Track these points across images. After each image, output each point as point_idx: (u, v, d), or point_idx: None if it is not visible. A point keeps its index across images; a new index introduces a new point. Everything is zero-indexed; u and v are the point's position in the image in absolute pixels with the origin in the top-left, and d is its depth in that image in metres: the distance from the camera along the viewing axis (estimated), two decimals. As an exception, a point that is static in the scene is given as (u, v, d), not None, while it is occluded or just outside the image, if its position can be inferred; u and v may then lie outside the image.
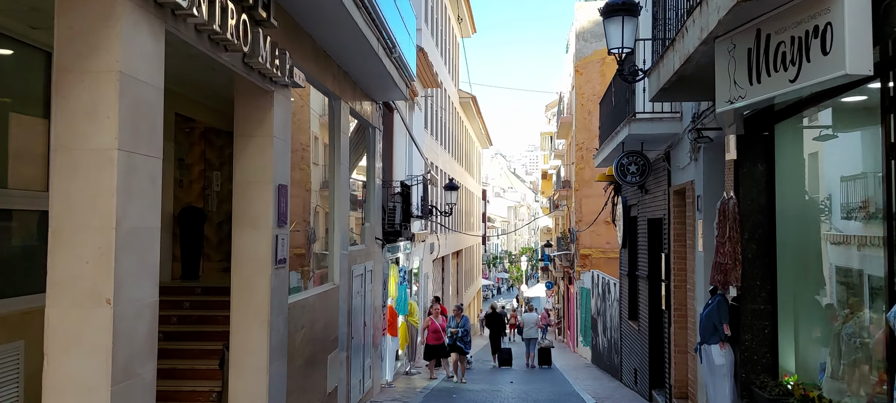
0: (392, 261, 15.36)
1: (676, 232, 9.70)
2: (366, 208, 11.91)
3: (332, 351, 8.85)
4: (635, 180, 10.30)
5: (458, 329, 15.06)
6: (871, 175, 5.05)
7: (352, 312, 10.04)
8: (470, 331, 15.31)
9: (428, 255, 21.80)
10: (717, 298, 6.82)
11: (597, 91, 26.96)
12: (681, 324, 9.62)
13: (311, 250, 9.19)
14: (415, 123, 18.48)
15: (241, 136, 6.59)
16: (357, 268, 10.42)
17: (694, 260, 8.54)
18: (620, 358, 15.21)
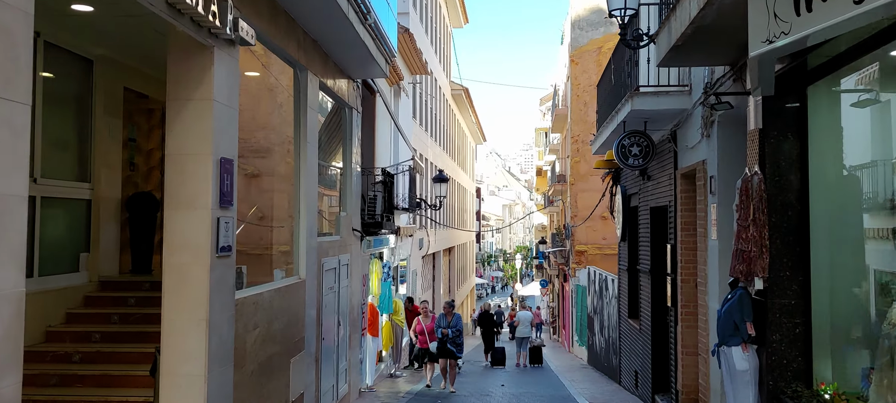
0: (375, 256, 14.32)
1: (684, 220, 8.69)
2: (342, 196, 10.87)
3: (296, 354, 7.82)
4: (638, 163, 9.29)
5: (450, 329, 12.81)
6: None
7: (322, 310, 9.00)
8: (463, 332, 13.26)
9: (417, 251, 20.78)
10: (739, 292, 5.81)
11: (593, 81, 25.98)
12: (689, 323, 8.62)
13: (274, 239, 8.17)
14: (401, 111, 17.45)
15: (174, 100, 5.56)
16: (329, 262, 9.38)
17: (706, 251, 7.54)
18: (619, 359, 14.21)
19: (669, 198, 9.32)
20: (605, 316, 16.64)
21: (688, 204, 8.66)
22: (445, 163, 29.90)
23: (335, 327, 9.77)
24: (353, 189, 10.99)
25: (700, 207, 7.77)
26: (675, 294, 9.02)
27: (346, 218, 10.59)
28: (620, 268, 13.83)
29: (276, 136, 8.38)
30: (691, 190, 8.59)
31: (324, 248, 9.20)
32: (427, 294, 25.44)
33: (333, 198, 10.78)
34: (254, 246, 7.72)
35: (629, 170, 9.93)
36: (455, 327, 12.81)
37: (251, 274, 7.33)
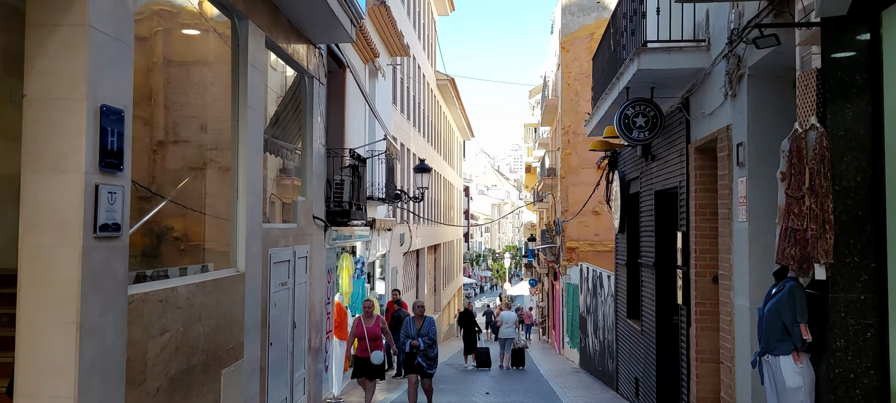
0: (346, 250, 12.90)
1: (699, 202, 7.34)
2: (302, 179, 9.44)
3: (231, 364, 6.38)
4: (643, 136, 7.92)
5: (420, 339, 9.92)
6: None
7: (270, 310, 7.57)
8: (437, 341, 10.32)
9: (397, 247, 19.36)
10: (788, 285, 4.44)
11: (584, 69, 24.72)
12: (706, 324, 7.26)
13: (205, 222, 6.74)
14: (379, 94, 16.03)
15: (36, 27, 4.13)
16: (280, 253, 7.95)
17: (730, 237, 6.17)
18: (616, 364, 12.86)
19: (680, 179, 7.96)
20: (600, 317, 15.29)
21: (704, 183, 7.30)
22: (430, 156, 28.51)
23: (289, 329, 8.33)
24: (315, 171, 9.56)
25: (722, 184, 6.41)
26: (687, 290, 7.67)
27: (304, 204, 9.16)
28: (618, 263, 12.48)
29: (215, 102, 6.96)
30: (709, 165, 7.24)
31: (273, 237, 7.77)
32: (410, 293, 24.04)
33: (294, 181, 9.36)
34: (176, 230, 6.30)
35: (633, 145, 8.57)
36: (427, 335, 9.98)
37: (167, 263, 5.90)
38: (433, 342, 10.05)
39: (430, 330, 10.08)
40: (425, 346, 9.90)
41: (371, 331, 9.94)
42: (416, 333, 10.02)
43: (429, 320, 10.22)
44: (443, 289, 33.49)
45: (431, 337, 10.05)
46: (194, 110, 6.70)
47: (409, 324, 10.22)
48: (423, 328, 10.06)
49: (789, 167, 4.40)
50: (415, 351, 9.85)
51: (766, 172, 5.68)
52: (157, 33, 5.96)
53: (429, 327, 10.11)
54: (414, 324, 10.19)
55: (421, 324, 10.14)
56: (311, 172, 9.42)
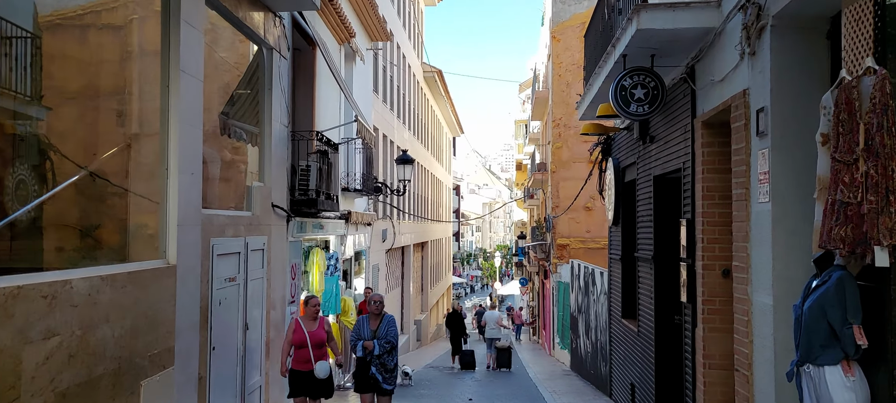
0: (317, 245, 11.89)
1: (707, 185, 6.37)
2: (260, 162, 8.43)
3: (156, 373, 5.37)
4: (643, 111, 6.95)
5: (376, 343, 7.73)
6: None
7: (213, 308, 6.56)
8: (397, 347, 8.18)
9: (378, 243, 18.34)
10: (836, 276, 3.48)
11: (576, 59, 23.79)
12: (716, 324, 6.29)
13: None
14: (356, 79, 15.01)
15: None
16: (227, 243, 6.94)
17: (748, 221, 5.20)
18: (609, 368, 11.90)
19: (684, 159, 7.00)
20: (592, 316, 14.33)
21: (713, 162, 6.34)
22: (417, 151, 27.52)
23: (239, 331, 7.33)
24: (275, 154, 8.56)
25: (737, 160, 5.44)
26: (692, 285, 6.70)
27: (261, 191, 8.15)
28: (612, 258, 11.51)
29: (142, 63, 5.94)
30: (719, 141, 6.27)
31: (217, 225, 6.76)
32: (394, 293, 23.05)
33: (247, 164, 8.35)
34: (82, 212, 5.28)
35: (631, 120, 7.58)
36: (386, 338, 7.77)
37: (66, 253, 4.90)
38: (393, 348, 7.82)
39: (388, 331, 7.82)
40: (381, 351, 7.70)
41: (315, 336, 7.64)
42: (371, 335, 7.80)
43: (388, 319, 7.96)
44: (430, 289, 32.50)
45: (390, 342, 7.79)
46: (110, 70, 5.68)
47: (361, 324, 7.96)
48: (379, 329, 7.82)
49: (835, 126, 3.44)
50: (368, 358, 7.71)
51: (794, 141, 4.73)
52: None
53: (387, 328, 7.84)
54: (368, 324, 7.90)
55: (377, 324, 7.88)
56: (270, 155, 8.42)
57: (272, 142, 8.46)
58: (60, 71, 5.10)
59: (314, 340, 7.63)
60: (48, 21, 4.97)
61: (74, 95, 5.28)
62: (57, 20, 5.11)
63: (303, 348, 7.60)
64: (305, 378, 7.61)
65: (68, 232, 5.14)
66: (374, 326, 7.90)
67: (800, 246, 4.68)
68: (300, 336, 7.63)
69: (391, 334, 7.86)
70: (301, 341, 7.62)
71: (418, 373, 15.94)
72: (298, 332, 7.65)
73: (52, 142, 4.93)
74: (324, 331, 7.81)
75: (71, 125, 5.25)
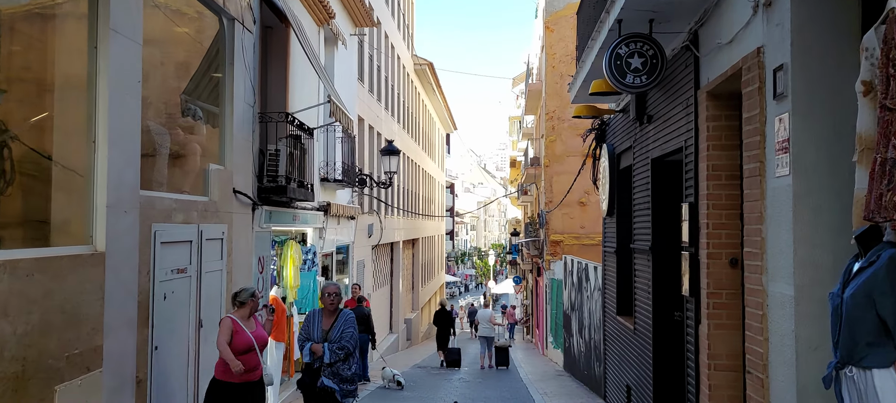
0: (293, 238, 11.15)
1: (713, 163, 5.66)
2: (220, 143, 7.70)
3: (76, 376, 4.62)
4: (640, 82, 6.22)
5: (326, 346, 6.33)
6: None
7: (155, 303, 5.83)
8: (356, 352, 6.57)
9: (363, 238, 17.61)
10: (887, 255, 2.76)
11: (570, 50, 23.09)
12: (722, 320, 5.58)
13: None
14: (340, 66, 14.27)
15: None
16: (175, 230, 6.20)
17: (763, 201, 4.48)
18: (603, 368, 11.18)
19: (686, 137, 6.28)
20: (585, 313, 13.62)
21: (719, 138, 5.63)
22: (407, 145, 26.82)
23: (190, 329, 6.58)
24: (237, 135, 7.82)
25: (749, 130, 4.71)
26: (695, 277, 5.98)
27: (220, 174, 7.41)
28: (606, 251, 10.80)
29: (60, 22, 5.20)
30: (726, 114, 5.57)
31: (161, 209, 6.02)
32: (382, 290, 22.32)
33: (203, 145, 7.61)
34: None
35: (629, 92, 6.81)
36: (339, 343, 6.31)
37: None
38: (349, 352, 6.32)
39: (345, 331, 6.33)
40: (334, 358, 6.20)
41: (260, 338, 6.07)
42: (323, 336, 6.31)
43: (345, 317, 6.47)
44: (422, 287, 31.76)
45: (346, 346, 6.28)
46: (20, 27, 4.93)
47: (311, 320, 6.50)
48: (333, 329, 6.34)
49: (884, 67, 2.73)
50: (315, 365, 6.27)
51: (819, 102, 4.02)
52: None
53: (344, 327, 6.35)
54: (319, 321, 6.44)
55: (331, 323, 6.39)
56: (231, 136, 7.67)
57: (234, 121, 7.72)
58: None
59: (261, 342, 6.08)
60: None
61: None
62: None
63: (250, 352, 5.86)
64: (245, 392, 5.86)
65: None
66: (328, 325, 6.40)
67: (827, 227, 3.97)
68: (244, 338, 5.88)
69: (347, 337, 6.32)
70: (246, 345, 5.86)
71: (405, 375, 15.20)
72: (240, 335, 5.89)
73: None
74: (263, 332, 6.25)
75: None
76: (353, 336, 6.41)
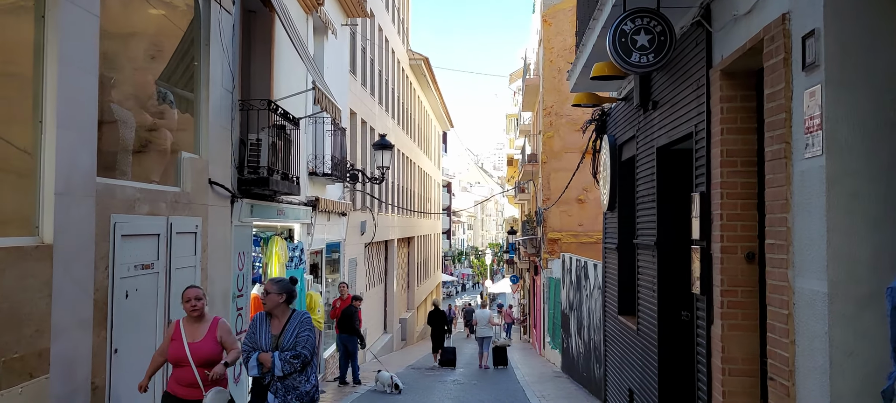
0: (278, 233, 10.64)
1: (728, 148, 5.16)
2: (195, 131, 7.18)
3: (16, 383, 4.11)
4: (647, 61, 5.72)
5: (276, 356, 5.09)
6: None
7: (114, 302, 5.32)
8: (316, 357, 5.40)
9: (355, 235, 17.10)
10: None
11: (568, 44, 22.66)
12: (737, 320, 5.09)
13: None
14: (330, 57, 13.76)
15: None
16: (139, 222, 5.69)
17: (789, 187, 3.98)
18: (604, 370, 10.69)
19: (697, 122, 5.78)
20: (584, 313, 13.13)
21: (735, 120, 5.13)
22: (403, 142, 26.33)
23: (157, 330, 6.06)
24: (214, 122, 7.30)
25: (772, 108, 4.21)
26: (707, 273, 5.49)
27: (193, 164, 6.89)
28: (607, 248, 10.31)
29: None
30: (743, 94, 5.07)
31: (124, 199, 5.50)
32: (376, 290, 21.81)
33: (182, 133, 7.09)
34: None
35: (635, 72, 6.28)
36: (295, 349, 5.13)
37: None
38: (305, 361, 5.13)
39: (300, 335, 5.14)
40: (288, 368, 5.05)
41: (199, 349, 5.05)
42: (273, 344, 5.14)
43: (299, 317, 5.26)
44: (417, 286, 31.25)
45: (302, 353, 5.10)
46: None
47: (257, 325, 5.25)
48: (284, 335, 5.15)
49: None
50: (265, 380, 5.11)
51: (857, 72, 3.53)
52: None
53: (298, 330, 5.17)
54: (267, 326, 5.22)
55: (281, 327, 5.19)
56: (207, 123, 7.16)
57: (210, 108, 7.20)
58: None
59: (199, 354, 5.01)
60: None
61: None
62: None
63: (184, 366, 4.99)
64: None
65: None
66: (278, 330, 5.17)
67: (865, 214, 3.48)
68: (175, 349, 4.99)
69: (303, 342, 5.11)
70: (176, 357, 4.99)
71: (397, 376, 14.69)
72: (175, 343, 5.01)
73: None
74: (215, 343, 5.12)
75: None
76: (310, 340, 5.17)
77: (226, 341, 5.20)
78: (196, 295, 5.10)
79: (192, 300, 5.08)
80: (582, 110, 20.64)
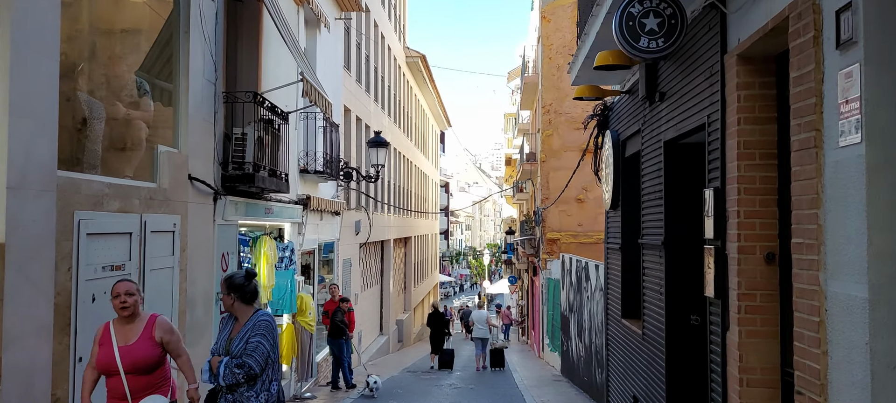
0: (267, 233, 10.21)
1: (745, 139, 4.75)
2: (174, 123, 6.76)
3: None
4: (657, 46, 5.32)
5: (223, 364, 4.30)
6: None
7: (79, 306, 4.89)
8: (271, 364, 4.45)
9: (350, 235, 16.69)
10: None
11: (567, 41, 22.28)
12: (756, 326, 4.68)
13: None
14: (323, 52, 13.34)
15: None
16: (107, 220, 5.27)
17: (819, 178, 3.57)
18: (606, 375, 10.28)
19: (710, 112, 5.37)
20: (585, 316, 12.72)
21: (753, 109, 4.72)
22: (399, 140, 25.92)
23: (130, 336, 5.63)
24: (194, 115, 6.88)
25: (800, 93, 3.79)
26: (721, 275, 5.08)
27: (172, 158, 6.47)
28: (609, 248, 9.90)
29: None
30: (762, 80, 4.67)
31: (90, 194, 5.08)
32: (371, 290, 21.39)
33: (160, 126, 6.67)
34: None
35: (643, 58, 5.84)
36: (241, 357, 4.31)
37: None
38: (250, 374, 4.28)
39: (250, 341, 4.33)
40: (229, 379, 4.27)
41: (130, 353, 4.34)
42: (224, 346, 4.42)
43: (256, 319, 4.45)
44: (414, 287, 30.83)
45: (247, 363, 4.27)
46: None
47: (222, 326, 4.64)
48: (237, 338, 4.40)
49: None
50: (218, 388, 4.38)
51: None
52: None
53: (250, 335, 4.36)
54: (228, 328, 4.53)
55: (237, 328, 4.48)
56: (187, 115, 6.74)
57: (190, 99, 6.78)
58: None
59: (130, 360, 4.31)
60: None
61: None
62: None
63: (114, 376, 4.30)
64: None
65: None
66: (235, 328, 4.49)
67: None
68: (105, 354, 4.31)
69: (252, 348, 4.28)
70: (107, 364, 4.30)
71: (392, 380, 14.29)
72: (104, 349, 4.33)
73: None
74: (153, 345, 4.40)
75: None
76: (262, 349, 4.31)
77: (169, 343, 4.47)
78: (127, 290, 4.38)
79: (122, 295, 4.35)
80: (581, 108, 20.28)
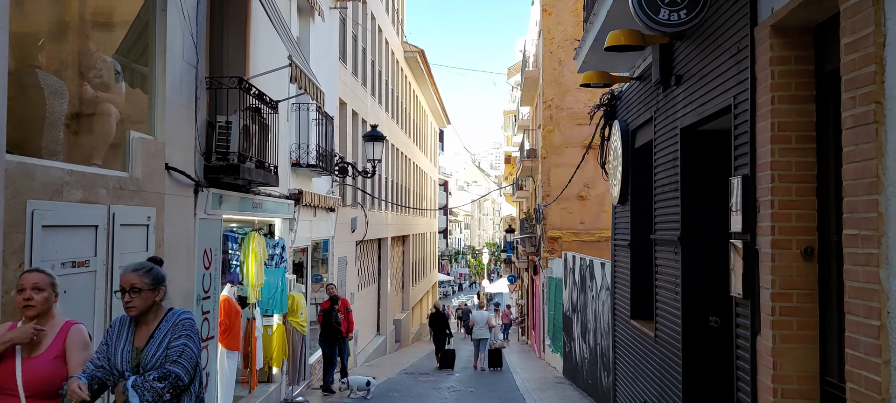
0: (256, 229, 9.69)
1: (779, 120, 4.24)
2: (149, 108, 6.24)
3: None
4: (679, 18, 4.80)
5: (136, 377, 3.20)
6: None
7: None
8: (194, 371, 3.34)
9: (345, 233, 16.16)
10: None
11: (569, 35, 21.78)
12: (792, 329, 4.17)
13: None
14: (317, 41, 12.81)
15: None
16: (67, 211, 4.75)
17: (880, 159, 3.06)
18: (613, 380, 9.77)
19: (736, 92, 4.85)
20: (590, 316, 12.21)
21: (788, 87, 4.21)
22: (397, 136, 25.40)
23: (95, 339, 5.11)
24: (173, 99, 6.36)
25: (852, 62, 3.28)
26: (751, 272, 4.56)
27: (145, 145, 5.94)
28: (617, 245, 9.39)
29: None
30: (799, 54, 4.16)
31: (47, 182, 4.56)
32: (368, 290, 20.87)
33: (134, 110, 6.15)
34: None
35: (663, 32, 5.29)
36: (163, 368, 3.23)
37: None
38: (177, 384, 3.24)
39: (172, 346, 3.31)
40: (149, 399, 3.15)
41: (33, 370, 3.28)
42: (132, 360, 3.32)
43: (174, 318, 3.42)
44: (413, 286, 30.31)
45: (169, 373, 3.23)
46: None
47: (113, 333, 3.43)
48: (151, 343, 3.33)
49: None
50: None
51: None
52: None
53: (168, 341, 3.33)
54: (128, 333, 3.41)
55: (149, 334, 3.37)
56: (164, 100, 6.21)
57: (167, 82, 6.26)
58: None
59: (32, 382, 3.24)
60: None
61: None
62: None
63: (11, 397, 3.21)
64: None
65: None
66: (143, 341, 3.36)
67: None
68: (5, 371, 3.24)
69: (177, 353, 3.30)
70: (4, 382, 3.22)
71: (389, 382, 13.77)
72: (5, 363, 3.26)
73: None
74: (57, 364, 3.31)
75: None
76: (189, 352, 3.33)
77: (70, 359, 3.30)
78: (35, 283, 3.29)
79: (28, 290, 3.27)
80: (583, 103, 19.78)
